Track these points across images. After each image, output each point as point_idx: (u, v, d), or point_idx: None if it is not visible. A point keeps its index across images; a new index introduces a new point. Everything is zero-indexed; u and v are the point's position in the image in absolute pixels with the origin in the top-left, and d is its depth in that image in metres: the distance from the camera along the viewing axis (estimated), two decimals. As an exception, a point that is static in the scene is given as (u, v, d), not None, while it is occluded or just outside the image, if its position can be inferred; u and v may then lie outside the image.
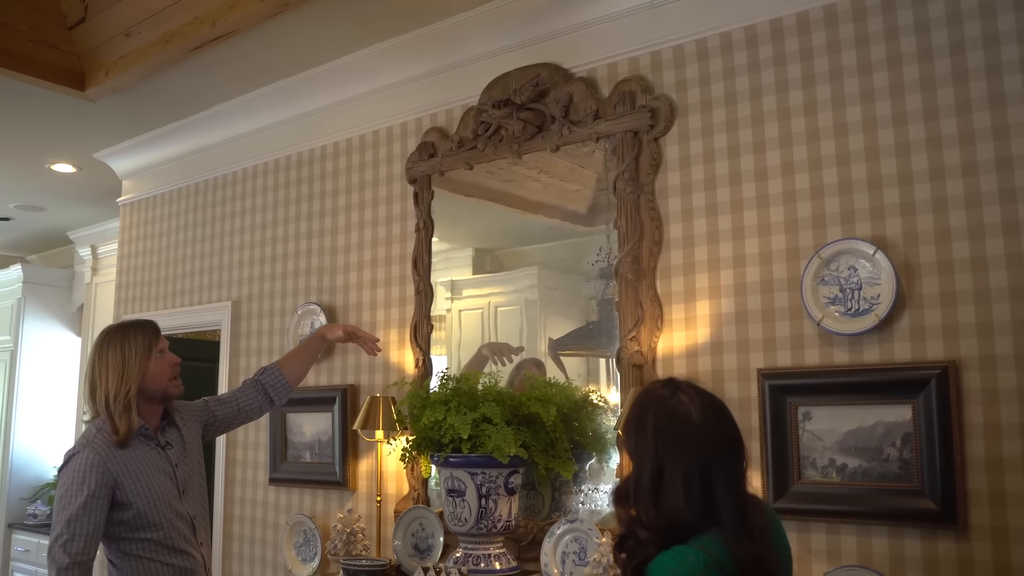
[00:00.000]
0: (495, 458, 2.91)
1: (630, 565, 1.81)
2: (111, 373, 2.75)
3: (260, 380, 3.18)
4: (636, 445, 1.87)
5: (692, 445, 1.80)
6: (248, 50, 3.95)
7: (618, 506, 1.90)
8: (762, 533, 1.78)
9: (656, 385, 1.96)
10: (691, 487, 1.76)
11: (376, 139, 4.10)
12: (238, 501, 4.48)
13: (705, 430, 1.82)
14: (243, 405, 3.15)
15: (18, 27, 4.13)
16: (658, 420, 1.84)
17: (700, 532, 1.75)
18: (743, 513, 1.78)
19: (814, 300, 2.76)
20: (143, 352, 2.81)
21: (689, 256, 3.08)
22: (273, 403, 3.21)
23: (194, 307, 4.89)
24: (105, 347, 2.81)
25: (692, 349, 3.03)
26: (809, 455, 2.73)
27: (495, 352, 3.58)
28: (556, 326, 3.48)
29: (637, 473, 1.85)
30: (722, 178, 3.05)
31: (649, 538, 1.79)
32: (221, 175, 4.88)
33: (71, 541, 2.57)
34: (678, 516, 1.76)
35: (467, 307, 3.75)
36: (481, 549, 3.07)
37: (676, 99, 3.19)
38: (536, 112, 3.44)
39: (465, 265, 3.83)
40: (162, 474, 2.80)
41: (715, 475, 1.77)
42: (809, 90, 2.90)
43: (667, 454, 1.80)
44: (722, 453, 1.81)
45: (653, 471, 1.80)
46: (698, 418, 1.83)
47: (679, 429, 1.82)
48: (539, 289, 3.58)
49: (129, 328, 2.88)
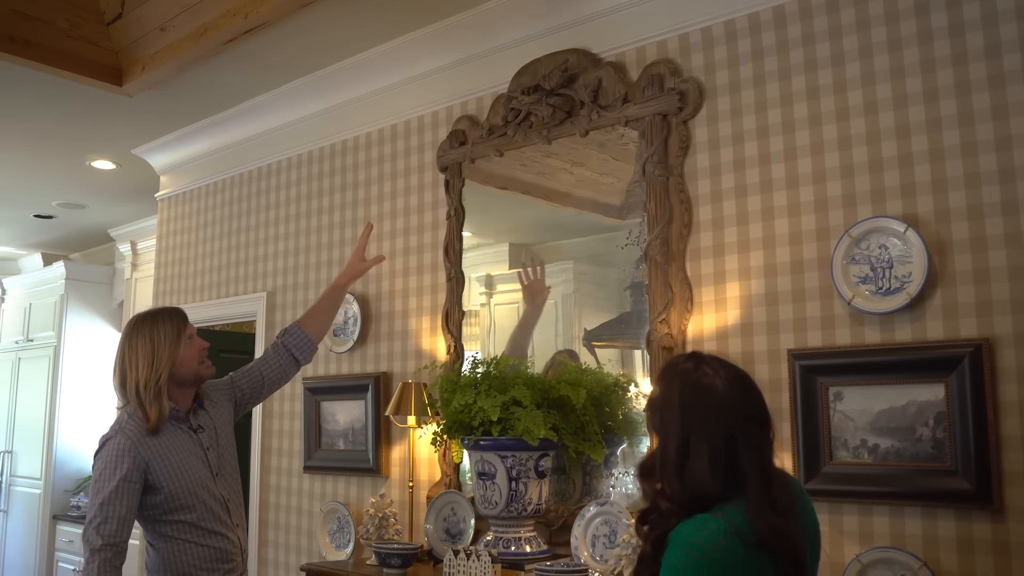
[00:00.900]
0: (525, 441, 2.93)
1: (651, 536, 1.81)
2: (141, 361, 2.78)
3: (283, 342, 3.16)
4: (662, 419, 1.87)
5: (718, 417, 1.79)
6: (280, 42, 4.00)
7: (643, 481, 1.90)
8: (787, 507, 1.77)
9: (680, 359, 1.96)
10: (716, 459, 1.76)
11: (407, 129, 4.13)
12: (273, 489, 4.53)
13: (730, 402, 1.81)
14: (267, 374, 3.13)
15: (58, 24, 4.21)
16: (683, 393, 1.84)
17: (724, 502, 1.75)
18: (768, 485, 1.77)
19: (844, 279, 2.73)
20: (172, 339, 2.83)
21: (719, 238, 3.07)
22: (298, 363, 3.19)
23: (230, 298, 4.96)
24: (134, 336, 2.83)
25: (722, 331, 3.01)
26: (840, 436, 2.70)
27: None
28: (591, 319, 3.48)
29: (663, 447, 1.85)
30: (751, 159, 3.03)
31: (671, 510, 1.79)
32: (255, 168, 4.95)
33: (104, 523, 2.62)
34: (702, 488, 1.76)
35: (502, 302, 3.76)
36: (511, 532, 3.08)
37: (705, 81, 3.18)
38: (565, 97, 3.44)
39: (500, 260, 3.83)
40: (194, 457, 2.83)
41: (741, 447, 1.77)
42: (838, 68, 2.87)
43: (693, 427, 1.80)
44: (748, 425, 1.80)
45: (679, 444, 1.80)
46: (723, 390, 1.82)
47: (705, 402, 1.82)
48: (574, 283, 3.58)
49: (157, 316, 2.90)
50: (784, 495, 1.79)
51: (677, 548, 1.71)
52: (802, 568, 1.77)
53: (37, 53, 4.15)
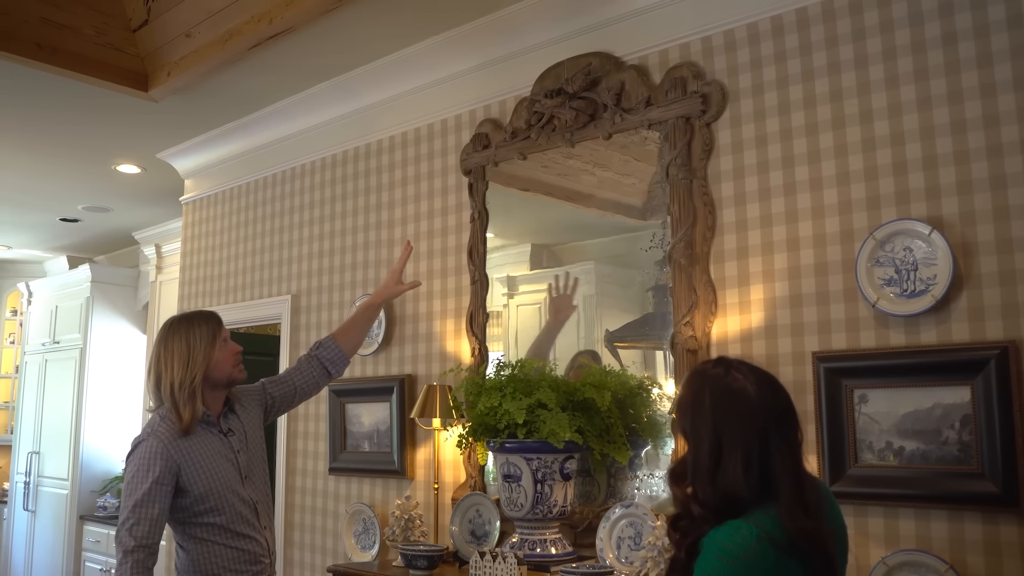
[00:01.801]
0: (550, 443, 2.94)
1: (684, 543, 1.82)
2: (177, 362, 2.83)
3: (317, 355, 3.22)
4: (693, 424, 1.88)
5: (751, 421, 1.81)
6: (304, 47, 4.03)
7: (674, 486, 1.91)
8: (817, 509, 1.79)
9: (708, 365, 1.97)
10: (750, 463, 1.77)
11: (431, 132, 4.16)
12: (299, 490, 4.57)
13: (762, 406, 1.83)
14: (299, 384, 3.20)
15: (85, 31, 4.26)
16: (715, 398, 1.85)
17: (754, 507, 1.76)
18: (800, 488, 1.78)
19: (869, 282, 2.74)
20: (208, 341, 2.88)
21: (742, 240, 3.07)
22: (331, 375, 3.25)
23: (255, 301, 5.00)
24: (171, 337, 2.88)
25: (746, 333, 3.02)
26: (865, 438, 2.70)
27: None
28: (613, 320, 3.49)
29: (695, 451, 1.86)
30: (775, 162, 3.03)
31: (703, 515, 1.80)
32: (280, 171, 4.99)
33: (137, 525, 2.66)
34: (736, 493, 1.77)
35: (524, 302, 3.77)
36: (537, 534, 3.10)
37: (728, 84, 3.18)
38: (588, 101, 3.45)
39: (522, 261, 3.85)
40: (224, 460, 2.87)
41: (774, 450, 1.78)
42: (862, 71, 2.87)
43: (725, 431, 1.81)
44: (780, 428, 1.82)
45: (712, 449, 1.81)
46: (755, 394, 1.84)
47: (737, 406, 1.83)
48: (596, 284, 3.59)
49: (193, 319, 2.95)
50: (814, 497, 1.80)
51: (709, 554, 1.72)
52: (832, 571, 1.79)
53: (64, 60, 4.21)
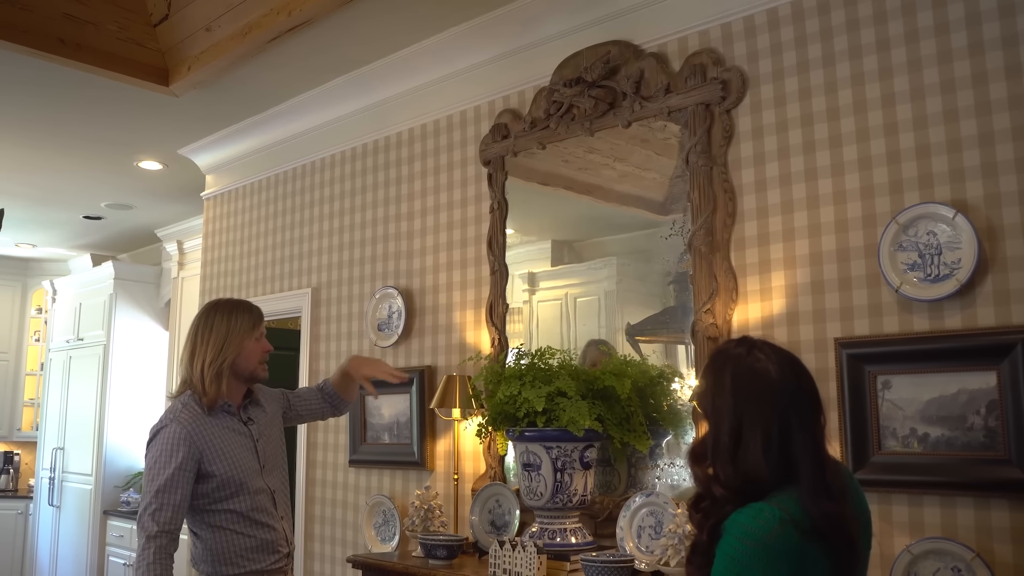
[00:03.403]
0: (570, 431, 2.93)
1: (707, 524, 1.80)
2: (213, 340, 2.88)
3: (323, 389, 3.36)
4: (713, 404, 1.86)
5: (772, 402, 1.78)
6: (322, 40, 4.04)
7: (695, 465, 1.89)
8: (841, 493, 1.76)
9: (731, 344, 1.95)
10: (770, 444, 1.75)
11: (450, 123, 4.15)
12: (319, 483, 4.58)
13: (784, 386, 1.80)
14: (313, 408, 3.34)
15: (107, 26, 4.29)
16: (736, 378, 1.83)
17: (777, 490, 1.74)
18: (822, 471, 1.76)
19: (892, 267, 2.70)
20: (246, 330, 2.94)
21: (763, 227, 3.04)
22: (337, 411, 3.41)
23: (275, 295, 5.02)
24: (213, 315, 2.94)
25: (768, 320, 2.99)
26: (889, 425, 2.67)
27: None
28: (634, 315, 3.48)
29: (715, 431, 1.84)
30: (795, 147, 3.01)
31: (725, 496, 1.78)
32: (300, 165, 5.00)
33: (159, 511, 2.67)
34: (756, 473, 1.75)
35: (545, 299, 3.76)
36: (557, 524, 3.08)
37: (747, 70, 3.16)
38: (607, 89, 3.43)
39: (543, 257, 3.83)
40: (244, 448, 2.89)
41: (795, 432, 1.76)
42: (883, 54, 2.84)
43: (746, 411, 1.79)
44: (802, 409, 1.80)
45: (732, 429, 1.79)
46: (776, 374, 1.81)
47: (758, 386, 1.81)
48: (617, 279, 3.58)
49: (238, 305, 3.02)
50: (837, 481, 1.78)
51: (731, 537, 1.70)
52: (856, 555, 1.76)
53: (86, 55, 4.24)
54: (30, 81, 4.51)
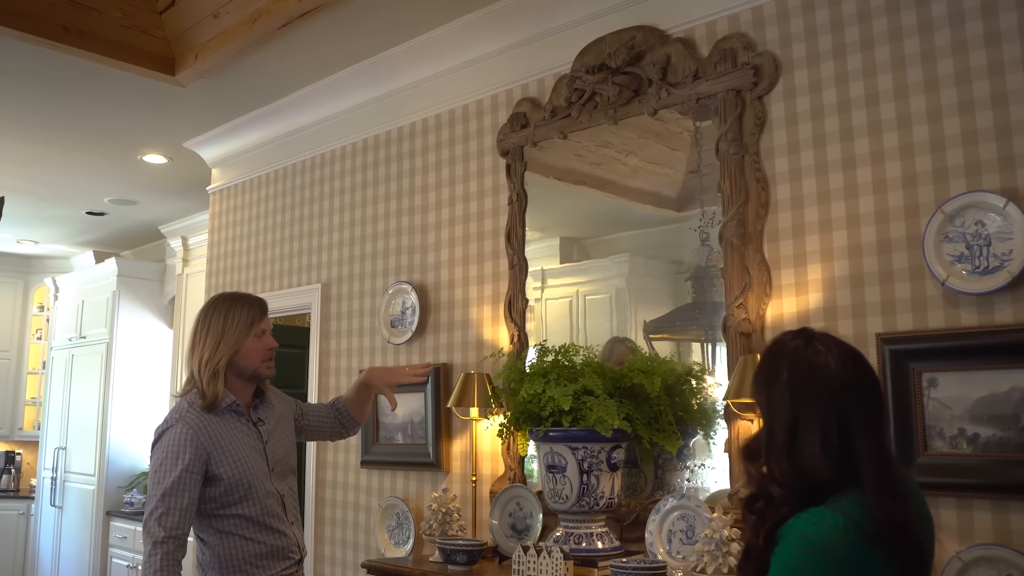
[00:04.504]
0: (597, 432, 2.80)
1: (763, 528, 1.68)
2: (209, 339, 2.76)
3: (335, 405, 3.23)
4: (768, 398, 1.75)
5: (831, 395, 1.67)
6: (333, 28, 3.91)
7: (748, 463, 1.77)
8: (904, 496, 1.64)
9: (787, 336, 1.83)
10: (829, 440, 1.64)
11: (465, 113, 4.02)
12: (329, 484, 4.45)
13: (844, 380, 1.69)
14: (323, 423, 3.20)
15: (111, 13, 4.17)
16: (793, 371, 1.72)
17: (838, 491, 1.61)
18: (886, 470, 1.63)
19: (937, 258, 2.57)
20: (243, 327, 2.79)
21: (798, 218, 2.92)
22: (345, 432, 3.27)
23: (284, 291, 4.89)
24: (211, 312, 2.82)
25: (803, 315, 2.86)
26: (936, 425, 2.54)
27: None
28: (647, 313, 3.38)
29: (769, 427, 1.73)
30: (832, 134, 2.88)
31: (782, 496, 1.65)
32: (309, 158, 4.87)
33: (166, 515, 2.55)
34: (814, 471, 1.63)
35: (553, 296, 3.64)
36: (583, 528, 2.96)
37: (780, 55, 3.03)
38: (632, 76, 3.31)
39: (551, 255, 3.72)
40: (253, 450, 2.77)
41: (855, 427, 1.64)
42: (926, 36, 2.71)
43: (803, 405, 1.67)
44: (863, 404, 1.68)
45: (788, 424, 1.68)
46: (836, 367, 1.70)
47: (816, 378, 1.69)
48: (629, 277, 3.48)
49: (237, 300, 2.87)
50: (900, 483, 1.65)
51: (789, 544, 1.58)
52: (923, 562, 1.64)
53: (90, 43, 4.12)
54: (31, 71, 4.38)
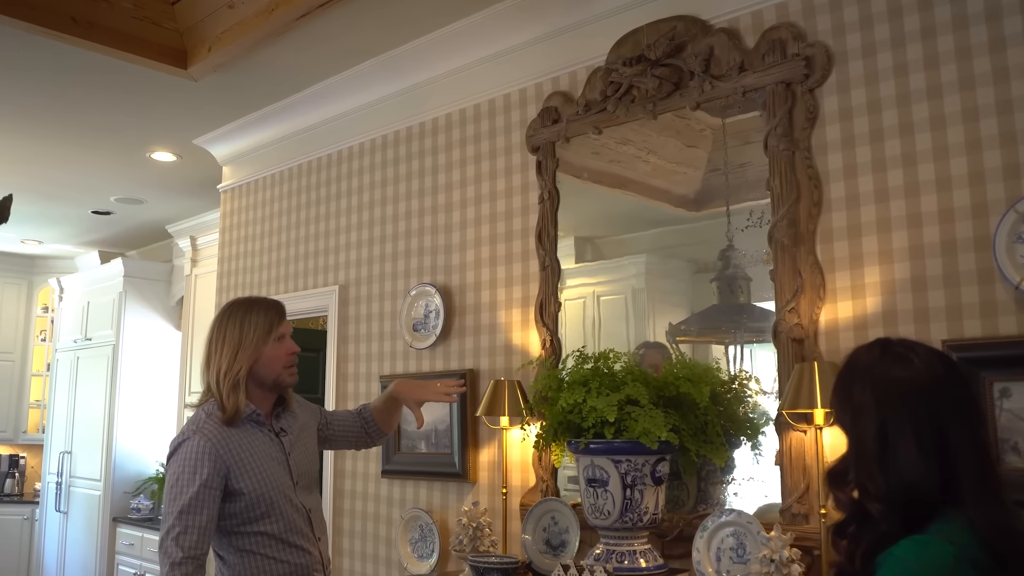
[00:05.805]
0: (641, 444, 2.64)
1: (858, 551, 1.53)
2: (226, 348, 2.59)
3: (362, 414, 3.07)
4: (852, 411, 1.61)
5: (916, 393, 1.54)
6: (354, 19, 3.75)
7: (835, 489, 1.63)
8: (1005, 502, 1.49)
9: (861, 350, 1.70)
10: (922, 437, 1.50)
11: (492, 108, 3.86)
12: (348, 494, 4.28)
13: (931, 378, 1.55)
14: (349, 432, 3.04)
15: (122, 4, 4.01)
16: (874, 378, 1.59)
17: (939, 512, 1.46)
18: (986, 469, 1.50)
19: (1010, 260, 2.41)
20: (261, 333, 2.63)
21: (854, 217, 2.75)
22: (371, 442, 3.11)
23: (299, 293, 4.72)
24: (226, 320, 2.65)
25: (860, 320, 2.70)
26: (1009, 438, 2.38)
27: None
28: (665, 314, 3.26)
29: (855, 441, 1.59)
30: (890, 129, 2.71)
31: (881, 511, 1.51)
32: (325, 155, 4.70)
33: (184, 534, 2.39)
34: (913, 479, 1.48)
35: (568, 297, 3.49)
36: (625, 545, 2.79)
37: (833, 45, 2.87)
38: (673, 68, 3.15)
39: (567, 255, 3.56)
40: (275, 462, 2.61)
41: (951, 429, 1.50)
42: (994, 23, 2.55)
43: (889, 409, 1.54)
44: (956, 403, 1.54)
45: (876, 433, 1.54)
46: (921, 365, 1.57)
47: (901, 378, 1.56)
48: (646, 277, 3.35)
49: (253, 305, 2.71)
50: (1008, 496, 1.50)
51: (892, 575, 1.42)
52: None
53: (100, 35, 3.96)
54: (37, 65, 4.22)
